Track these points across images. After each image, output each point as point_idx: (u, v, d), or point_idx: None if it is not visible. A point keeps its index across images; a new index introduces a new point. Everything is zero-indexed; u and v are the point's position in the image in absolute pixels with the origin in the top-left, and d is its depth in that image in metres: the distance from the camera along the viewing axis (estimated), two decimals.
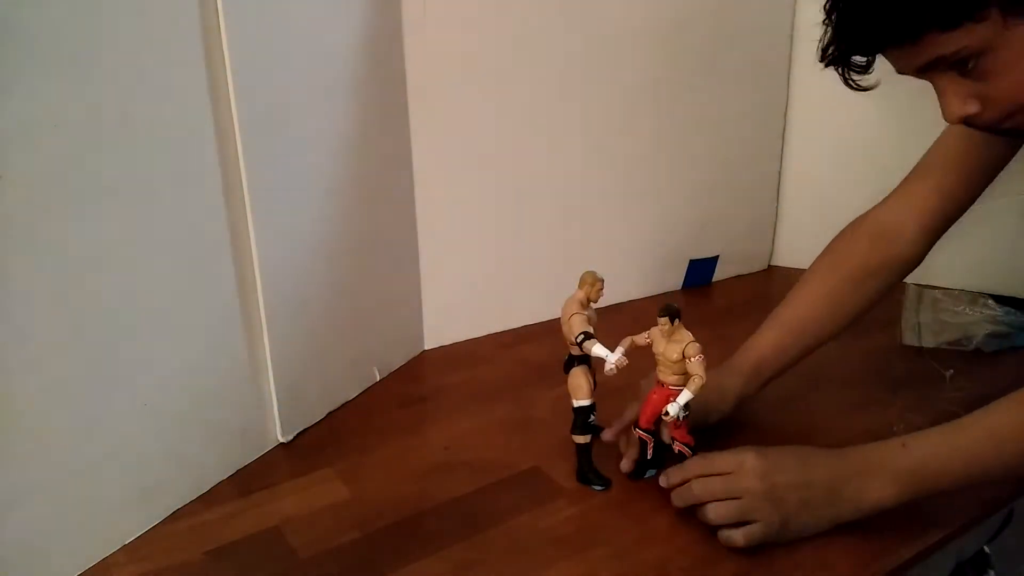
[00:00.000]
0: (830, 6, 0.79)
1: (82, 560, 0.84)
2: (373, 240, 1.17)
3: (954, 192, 1.02)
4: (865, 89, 0.83)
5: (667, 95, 1.41)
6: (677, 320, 0.87)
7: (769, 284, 1.61)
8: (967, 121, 0.81)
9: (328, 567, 0.84)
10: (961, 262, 1.48)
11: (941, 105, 0.81)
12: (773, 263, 1.67)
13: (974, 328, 1.28)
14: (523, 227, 1.34)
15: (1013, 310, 1.35)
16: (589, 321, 0.91)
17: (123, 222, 0.82)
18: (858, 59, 0.81)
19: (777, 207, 1.63)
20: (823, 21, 0.80)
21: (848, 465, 0.83)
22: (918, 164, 1.06)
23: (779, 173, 1.61)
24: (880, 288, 1.05)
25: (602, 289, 0.93)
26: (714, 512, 0.84)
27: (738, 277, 1.63)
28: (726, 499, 0.83)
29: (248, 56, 0.90)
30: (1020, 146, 0.99)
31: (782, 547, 0.84)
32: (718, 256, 1.59)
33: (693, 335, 0.88)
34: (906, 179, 1.07)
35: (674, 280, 1.56)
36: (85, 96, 0.76)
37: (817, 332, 1.04)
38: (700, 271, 1.58)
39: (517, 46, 1.25)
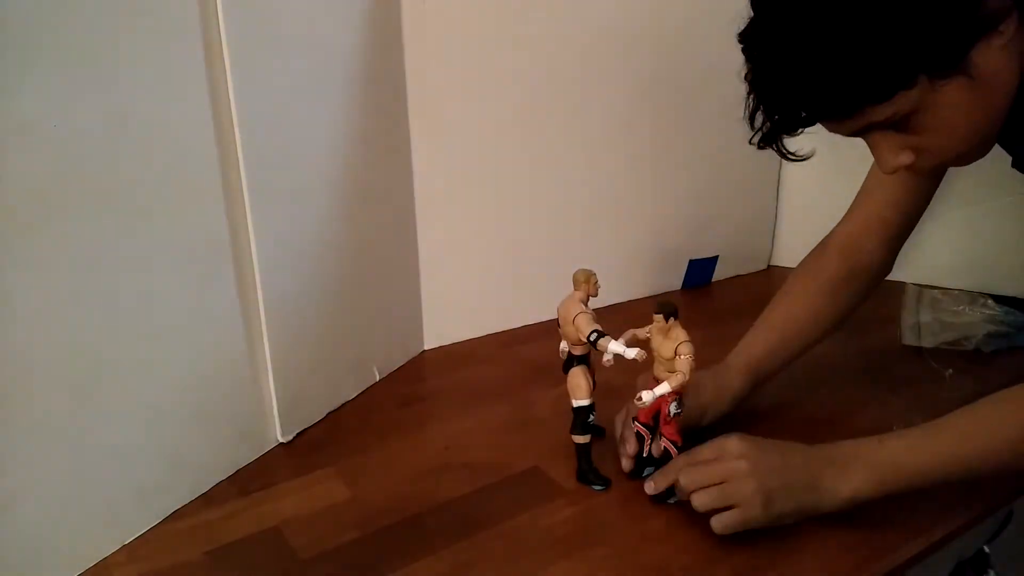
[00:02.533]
0: (752, 83, 0.81)
1: (82, 560, 0.84)
2: (373, 240, 1.17)
3: (904, 202, 1.08)
4: (804, 159, 0.86)
5: (666, 94, 1.41)
6: (672, 318, 0.88)
7: (769, 284, 1.61)
8: (907, 169, 0.84)
9: (328, 567, 0.84)
10: (961, 262, 1.48)
11: (876, 158, 0.84)
12: (773, 263, 1.68)
13: (974, 328, 1.28)
14: (523, 227, 1.34)
15: (1013, 310, 1.35)
16: (594, 319, 0.91)
17: (123, 222, 0.82)
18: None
19: (777, 207, 1.63)
20: (746, 94, 0.82)
21: (825, 455, 0.85)
22: (867, 179, 1.11)
23: (779, 173, 1.61)
24: (853, 295, 1.10)
25: (598, 283, 0.93)
26: (698, 499, 0.84)
27: (738, 277, 1.63)
28: (711, 485, 0.84)
29: (248, 56, 0.91)
30: None
31: (782, 546, 0.84)
32: (718, 256, 1.59)
33: (692, 335, 0.88)
34: (860, 194, 1.12)
35: (674, 280, 1.57)
36: (85, 96, 0.76)
37: (802, 338, 1.09)
38: (700, 271, 1.58)
39: (517, 46, 1.25)
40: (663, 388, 0.87)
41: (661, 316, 0.87)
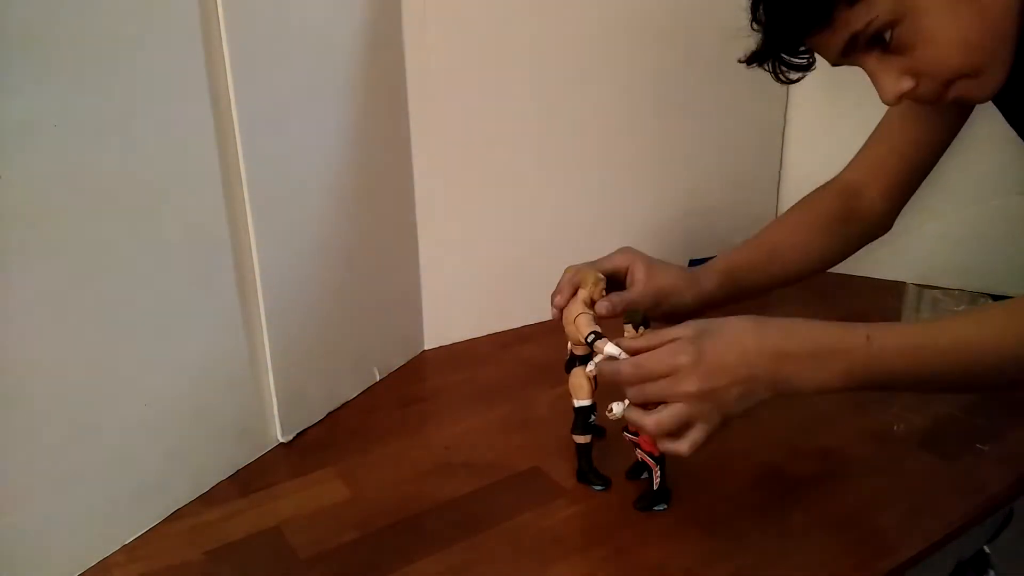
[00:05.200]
0: (751, 7, 0.83)
1: (82, 560, 0.84)
2: (373, 240, 1.17)
3: (909, 153, 1.07)
4: (794, 81, 0.87)
5: (667, 95, 1.42)
6: (643, 328, 0.87)
7: None
8: (909, 97, 0.81)
9: (328, 567, 0.84)
10: (961, 262, 1.48)
11: (877, 89, 0.82)
12: None
13: None
14: (523, 227, 1.34)
15: None
16: (594, 321, 0.90)
17: (123, 222, 0.82)
18: (793, 59, 0.85)
19: (777, 207, 1.63)
20: (750, 24, 0.84)
21: (803, 348, 0.78)
22: (876, 128, 1.10)
23: (779, 173, 1.61)
24: (845, 237, 1.09)
25: (604, 289, 0.93)
26: (656, 425, 0.78)
27: None
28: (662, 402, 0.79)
29: (248, 56, 0.91)
30: (971, 111, 1.02)
31: (783, 547, 0.84)
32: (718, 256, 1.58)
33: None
34: (866, 143, 1.11)
35: None
36: (85, 96, 0.76)
37: (787, 262, 1.07)
38: None
39: (517, 45, 1.25)
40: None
41: (630, 326, 0.87)
